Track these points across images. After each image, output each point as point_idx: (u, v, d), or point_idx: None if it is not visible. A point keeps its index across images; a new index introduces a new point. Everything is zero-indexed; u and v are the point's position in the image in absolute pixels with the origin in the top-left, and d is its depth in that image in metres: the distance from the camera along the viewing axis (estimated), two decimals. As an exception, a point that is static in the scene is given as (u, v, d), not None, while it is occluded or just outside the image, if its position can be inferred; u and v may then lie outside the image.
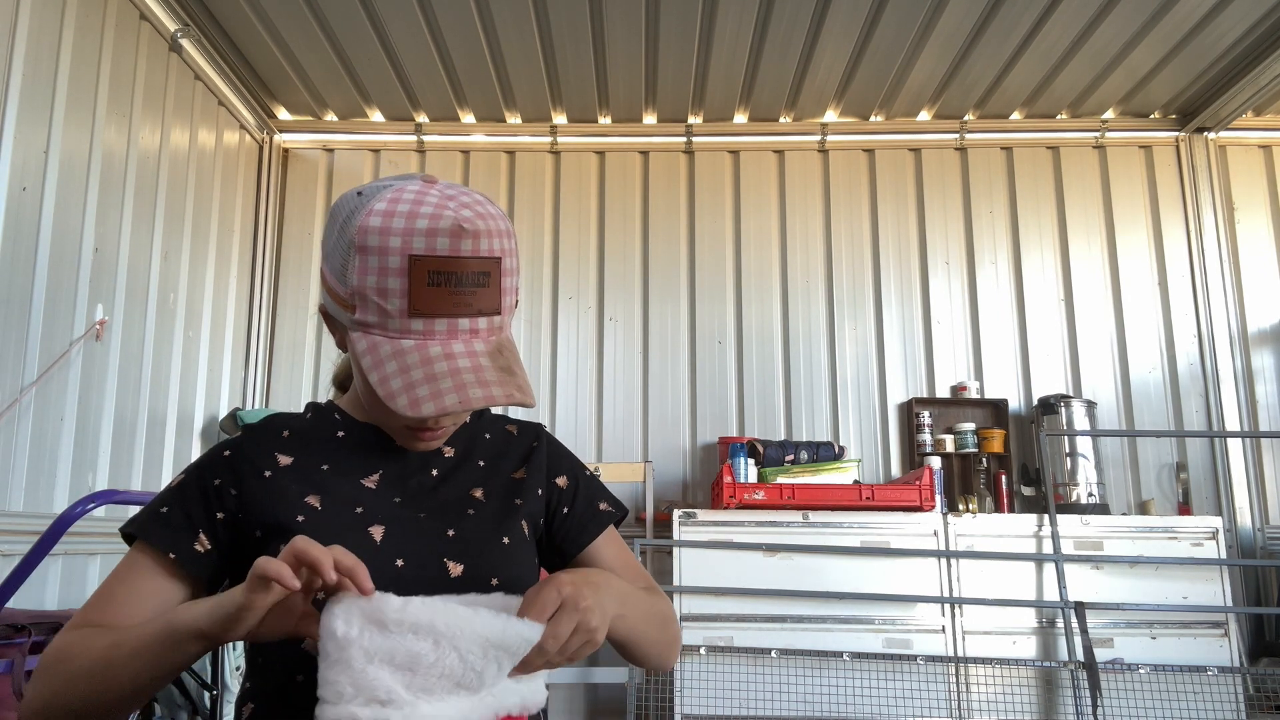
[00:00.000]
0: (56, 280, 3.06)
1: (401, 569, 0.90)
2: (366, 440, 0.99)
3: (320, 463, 0.96)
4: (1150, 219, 4.67)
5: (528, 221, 4.76)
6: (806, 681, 3.56)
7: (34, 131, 2.97)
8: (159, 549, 0.90)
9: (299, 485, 0.93)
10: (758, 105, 4.63)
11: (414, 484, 0.98)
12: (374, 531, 0.91)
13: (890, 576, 3.68)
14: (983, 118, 4.73)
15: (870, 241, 4.70)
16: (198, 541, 0.91)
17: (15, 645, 2.16)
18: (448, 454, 1.02)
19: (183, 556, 0.90)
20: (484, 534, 0.96)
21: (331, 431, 1.00)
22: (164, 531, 0.91)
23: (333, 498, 0.93)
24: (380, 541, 0.91)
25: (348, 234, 0.88)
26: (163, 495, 0.95)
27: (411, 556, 0.91)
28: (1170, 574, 3.67)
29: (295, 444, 0.98)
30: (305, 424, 1.01)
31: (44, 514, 2.91)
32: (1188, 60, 4.18)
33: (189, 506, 0.92)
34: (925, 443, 4.34)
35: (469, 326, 0.87)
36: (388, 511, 0.94)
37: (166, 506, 0.93)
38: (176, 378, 3.86)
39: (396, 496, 0.96)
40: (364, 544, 0.89)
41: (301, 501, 0.92)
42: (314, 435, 0.99)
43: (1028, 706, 3.59)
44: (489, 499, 0.99)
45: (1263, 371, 4.46)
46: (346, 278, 0.88)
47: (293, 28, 3.93)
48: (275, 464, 0.95)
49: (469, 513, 0.97)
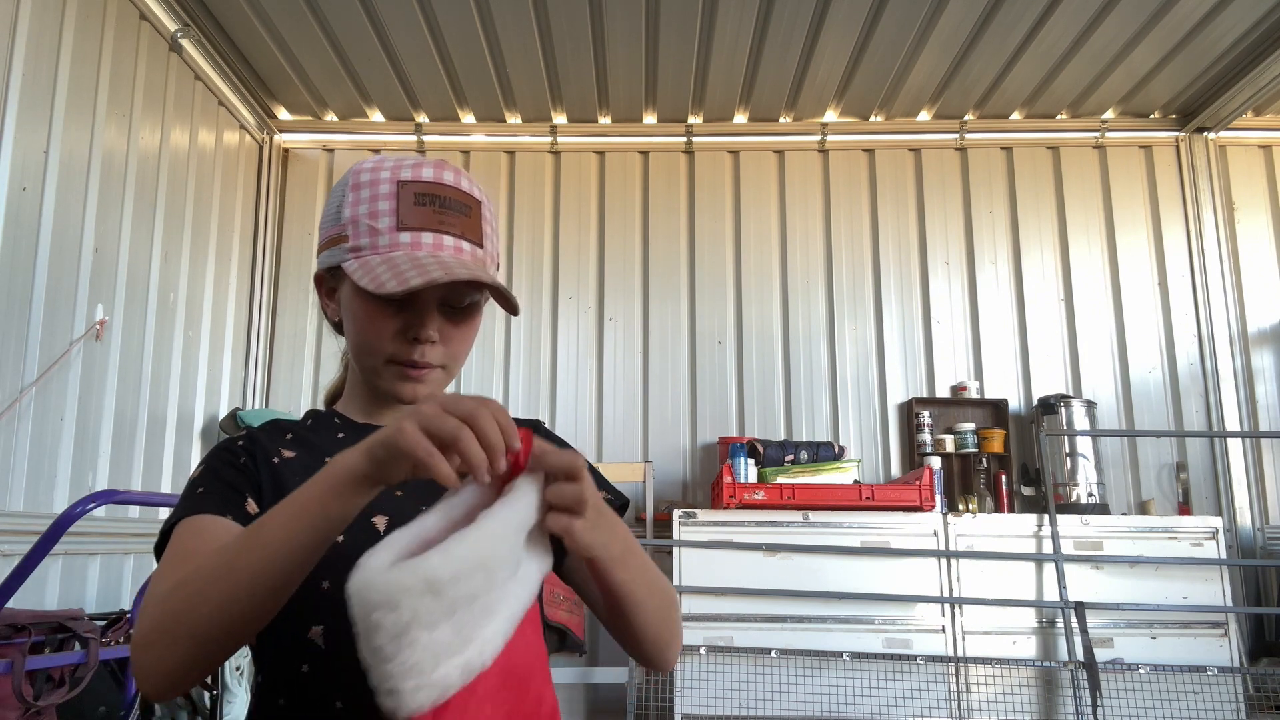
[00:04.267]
0: (56, 280, 3.06)
1: None
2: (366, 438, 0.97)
3: (323, 458, 0.92)
4: (1150, 219, 4.67)
5: (528, 221, 4.76)
6: (806, 681, 3.56)
7: (34, 131, 2.97)
8: (213, 513, 0.86)
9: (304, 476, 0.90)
10: (758, 105, 4.63)
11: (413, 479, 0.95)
12: (378, 521, 0.91)
13: (890, 576, 3.68)
14: (983, 118, 4.73)
15: (870, 241, 4.71)
16: (248, 504, 0.89)
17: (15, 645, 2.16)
18: None
19: (238, 518, 0.86)
20: None
21: (333, 434, 1.01)
22: (212, 501, 0.87)
23: None
24: (384, 530, 0.91)
25: (345, 183, 0.96)
26: (193, 484, 0.91)
27: None
28: (1170, 574, 3.67)
29: (297, 444, 0.98)
30: (306, 428, 1.01)
31: (44, 514, 2.91)
32: (1188, 60, 4.18)
33: (228, 480, 0.90)
34: (925, 443, 4.34)
35: (453, 244, 0.94)
36: (389, 504, 0.93)
37: (203, 487, 0.90)
38: (176, 378, 3.86)
39: (398, 490, 0.94)
40: (368, 534, 0.88)
41: None
42: (316, 438, 0.99)
43: (1028, 706, 3.59)
44: None
45: (1263, 371, 4.47)
46: (341, 214, 0.95)
47: (293, 28, 3.93)
48: (281, 455, 0.95)
49: None
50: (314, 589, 0.84)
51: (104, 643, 2.42)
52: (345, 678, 0.82)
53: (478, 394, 0.79)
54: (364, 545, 0.79)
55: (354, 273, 0.92)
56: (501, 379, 4.60)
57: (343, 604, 0.76)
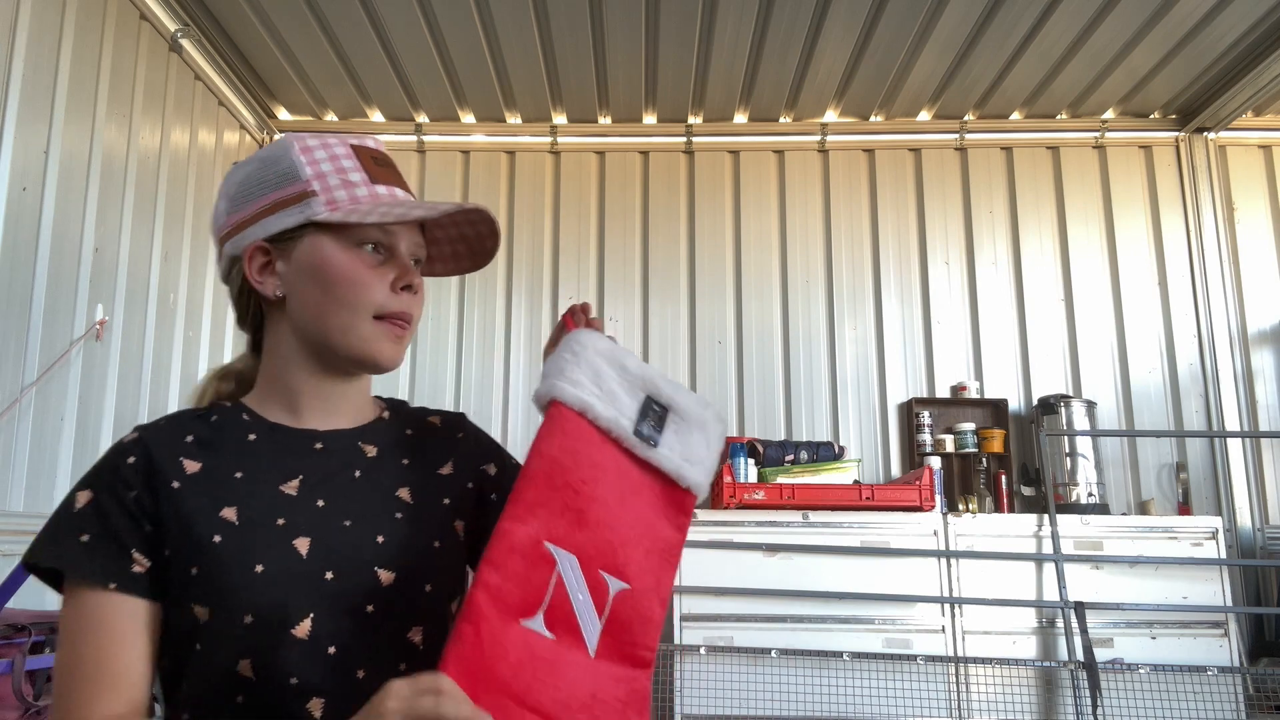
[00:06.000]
0: (56, 280, 3.06)
1: (331, 581, 0.84)
2: (281, 442, 0.91)
3: (232, 470, 0.88)
4: (1150, 219, 4.67)
5: (528, 221, 4.76)
6: (806, 681, 3.56)
7: (34, 131, 2.97)
8: (97, 583, 0.81)
9: (211, 498, 0.85)
10: (758, 105, 4.63)
11: (336, 487, 0.90)
12: (299, 545, 0.84)
13: (890, 576, 3.68)
14: (983, 118, 4.73)
15: (870, 241, 4.70)
16: (135, 563, 0.82)
17: (15, 645, 2.16)
18: (369, 452, 0.95)
19: (125, 584, 0.81)
20: (414, 539, 0.90)
21: (241, 434, 0.91)
22: (95, 562, 0.82)
23: (252, 510, 0.85)
24: (307, 554, 0.84)
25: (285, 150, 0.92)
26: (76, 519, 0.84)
27: (341, 568, 0.84)
28: (1170, 574, 3.67)
29: (200, 448, 0.89)
30: (211, 427, 0.91)
31: (44, 514, 2.89)
32: (1188, 60, 4.18)
33: (114, 526, 0.83)
34: (925, 443, 4.34)
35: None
36: (312, 520, 0.87)
37: (88, 534, 0.83)
38: (176, 378, 3.86)
39: (320, 500, 0.89)
40: (290, 559, 0.83)
41: (217, 517, 0.84)
42: (220, 438, 0.90)
43: (1028, 706, 3.59)
44: (415, 499, 0.93)
45: (1263, 371, 4.46)
46: (297, 174, 0.90)
47: (293, 28, 3.93)
48: (183, 472, 0.86)
49: (397, 516, 0.91)
50: (238, 626, 0.80)
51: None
52: (279, 699, 0.80)
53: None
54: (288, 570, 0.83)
55: (348, 216, 0.88)
56: (501, 379, 4.60)
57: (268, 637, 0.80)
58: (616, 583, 0.82)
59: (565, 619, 0.79)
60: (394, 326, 0.91)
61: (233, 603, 0.80)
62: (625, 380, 0.89)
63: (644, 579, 0.84)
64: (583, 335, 0.91)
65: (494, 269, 4.66)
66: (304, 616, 0.81)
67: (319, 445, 0.92)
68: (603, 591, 0.81)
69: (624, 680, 0.80)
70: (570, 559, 0.80)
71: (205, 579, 0.81)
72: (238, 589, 0.81)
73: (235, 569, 0.81)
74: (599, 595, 0.81)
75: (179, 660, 0.83)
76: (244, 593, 0.80)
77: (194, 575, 0.82)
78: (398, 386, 4.54)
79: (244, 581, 0.81)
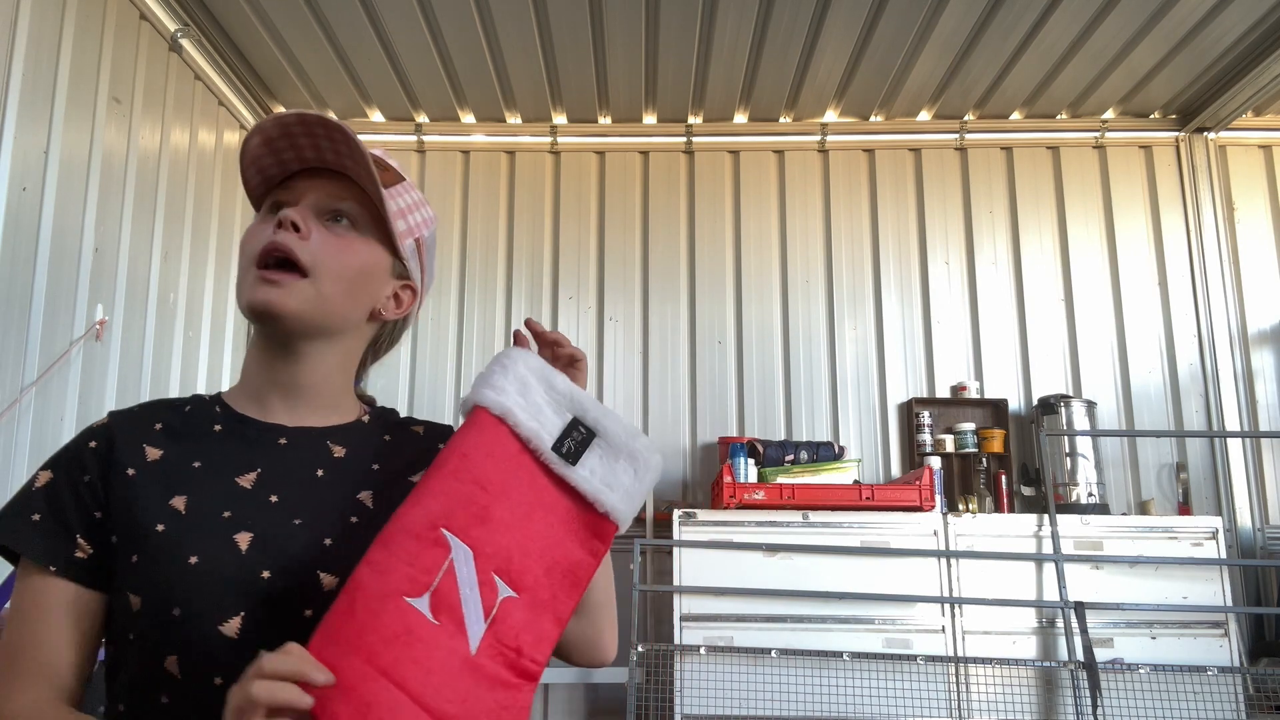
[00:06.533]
0: (56, 280, 3.06)
1: (268, 580, 0.81)
2: (245, 434, 0.90)
3: (192, 459, 0.87)
4: (1150, 219, 4.67)
5: (528, 221, 4.76)
6: (806, 681, 3.56)
7: (34, 131, 2.97)
8: (40, 565, 0.83)
9: (165, 486, 0.85)
10: (758, 105, 4.63)
11: (294, 484, 0.88)
12: (239, 539, 0.82)
13: (890, 576, 3.68)
14: (983, 118, 4.73)
15: (870, 241, 4.70)
16: (78, 548, 0.83)
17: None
18: (337, 453, 0.92)
19: (63, 568, 0.82)
20: (365, 545, 0.82)
21: (209, 424, 0.91)
22: (41, 543, 0.83)
23: (200, 500, 0.84)
24: (246, 550, 0.81)
25: None
26: (32, 498, 0.86)
27: (280, 567, 0.82)
28: (1170, 574, 3.67)
29: (167, 437, 0.89)
30: (182, 416, 0.92)
31: (44, 514, 2.91)
32: (1188, 60, 4.18)
33: (63, 509, 0.84)
34: (925, 443, 4.34)
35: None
36: (258, 516, 0.84)
37: (39, 513, 0.84)
38: (176, 378, 3.86)
39: (273, 496, 0.86)
40: (227, 552, 0.81)
41: (165, 505, 0.83)
42: (189, 428, 0.90)
43: (1028, 706, 3.59)
44: (377, 505, 0.89)
45: (1263, 371, 4.46)
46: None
47: (293, 28, 3.93)
48: (143, 459, 0.86)
49: (352, 520, 0.87)
50: (166, 618, 0.79)
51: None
52: (204, 702, 0.77)
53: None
54: (222, 564, 0.80)
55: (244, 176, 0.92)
56: (501, 379, 4.59)
57: (195, 632, 0.78)
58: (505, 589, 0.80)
59: (451, 608, 0.77)
60: (263, 271, 0.87)
61: (162, 594, 0.79)
62: (552, 398, 0.89)
63: (539, 592, 0.82)
64: (513, 352, 0.92)
65: (494, 269, 4.66)
66: (233, 614, 0.78)
67: (283, 440, 0.91)
68: (492, 593, 0.80)
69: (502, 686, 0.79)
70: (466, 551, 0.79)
71: (141, 567, 0.80)
72: (168, 580, 0.79)
73: (169, 559, 0.80)
74: (488, 596, 0.79)
75: (117, 651, 0.83)
76: (174, 584, 0.79)
77: (132, 563, 0.81)
78: (397, 385, 4.54)
79: (175, 572, 0.79)
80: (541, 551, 0.83)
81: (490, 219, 4.75)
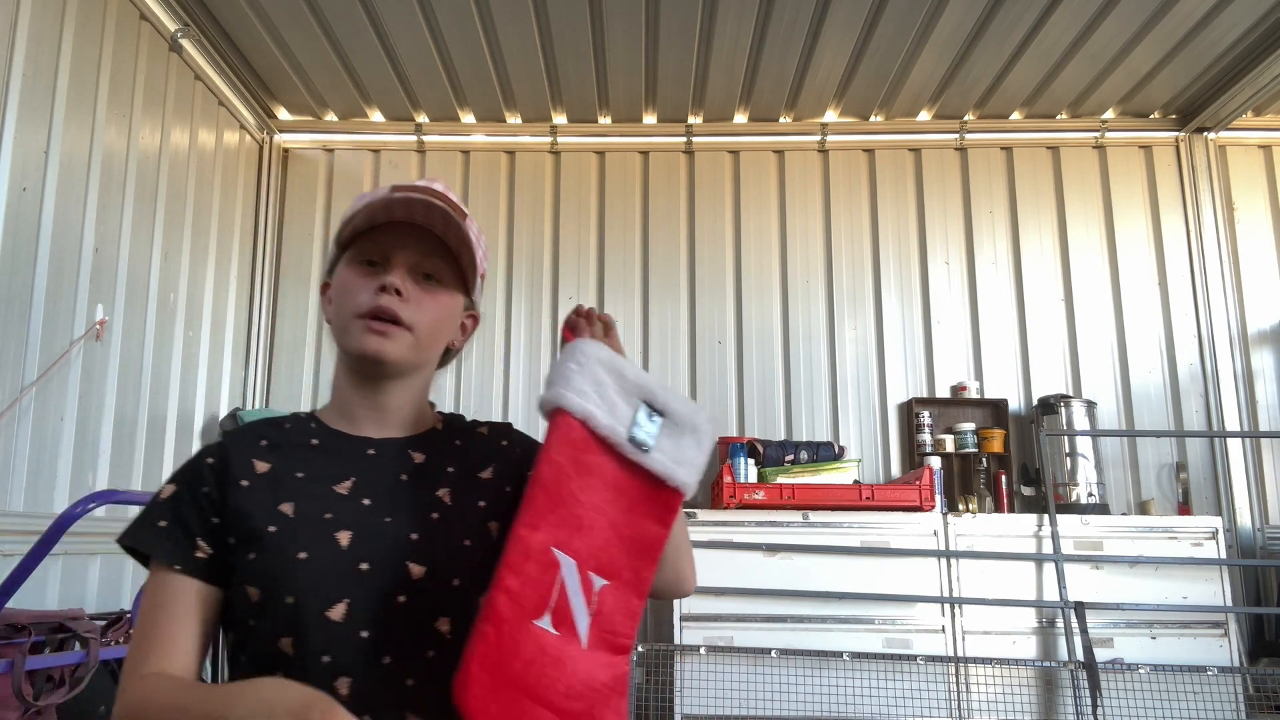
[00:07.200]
0: (56, 280, 3.06)
1: (365, 572, 0.94)
2: (340, 447, 1.05)
3: (295, 470, 1.02)
4: (1150, 219, 4.67)
5: (528, 221, 4.76)
6: (806, 681, 3.56)
7: (34, 131, 2.98)
8: (166, 564, 0.96)
9: (274, 494, 0.99)
10: (758, 105, 4.63)
11: (383, 488, 1.02)
12: (340, 537, 0.96)
13: (890, 576, 3.68)
14: (983, 118, 4.73)
15: (870, 241, 4.71)
16: (198, 549, 0.96)
17: (15, 645, 2.16)
18: (417, 459, 1.07)
19: (187, 566, 0.96)
20: (446, 537, 0.99)
21: (306, 439, 1.06)
22: (167, 545, 0.97)
23: (305, 505, 0.98)
24: (346, 546, 0.95)
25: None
26: (158, 508, 1.00)
27: (375, 560, 0.95)
28: (1170, 574, 3.67)
29: (273, 452, 1.03)
30: (283, 433, 1.06)
31: (44, 514, 2.91)
32: (1188, 60, 4.18)
33: (185, 516, 0.98)
34: (925, 443, 4.34)
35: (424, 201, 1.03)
36: (355, 517, 0.98)
37: (165, 520, 0.98)
38: (176, 378, 3.86)
39: (366, 499, 1.00)
40: (330, 549, 0.95)
41: (276, 510, 0.97)
42: (290, 443, 1.05)
43: (1028, 706, 3.59)
44: (454, 501, 1.03)
45: (1263, 371, 4.46)
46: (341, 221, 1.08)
47: (293, 28, 3.94)
48: (253, 472, 1.00)
49: (433, 516, 1.01)
50: (281, 606, 0.92)
51: (104, 643, 2.42)
52: (313, 676, 0.88)
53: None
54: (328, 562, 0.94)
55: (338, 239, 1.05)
56: (501, 379, 4.60)
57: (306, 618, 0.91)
58: (599, 580, 0.91)
59: (565, 617, 0.88)
60: (372, 322, 1.01)
61: (278, 585, 0.92)
62: (623, 388, 0.97)
63: (624, 575, 0.92)
64: (586, 345, 0.99)
65: (494, 269, 4.66)
66: (339, 601, 0.92)
67: (371, 451, 1.06)
68: (590, 589, 0.90)
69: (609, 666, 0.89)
70: (571, 563, 0.89)
71: (259, 564, 0.94)
72: (283, 574, 0.93)
73: (282, 556, 0.94)
74: (588, 592, 0.90)
75: (239, 636, 0.96)
76: (288, 576, 0.92)
77: (250, 560, 0.94)
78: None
79: (288, 567, 0.93)
80: (622, 536, 0.93)
81: (490, 219, 4.75)
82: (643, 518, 0.95)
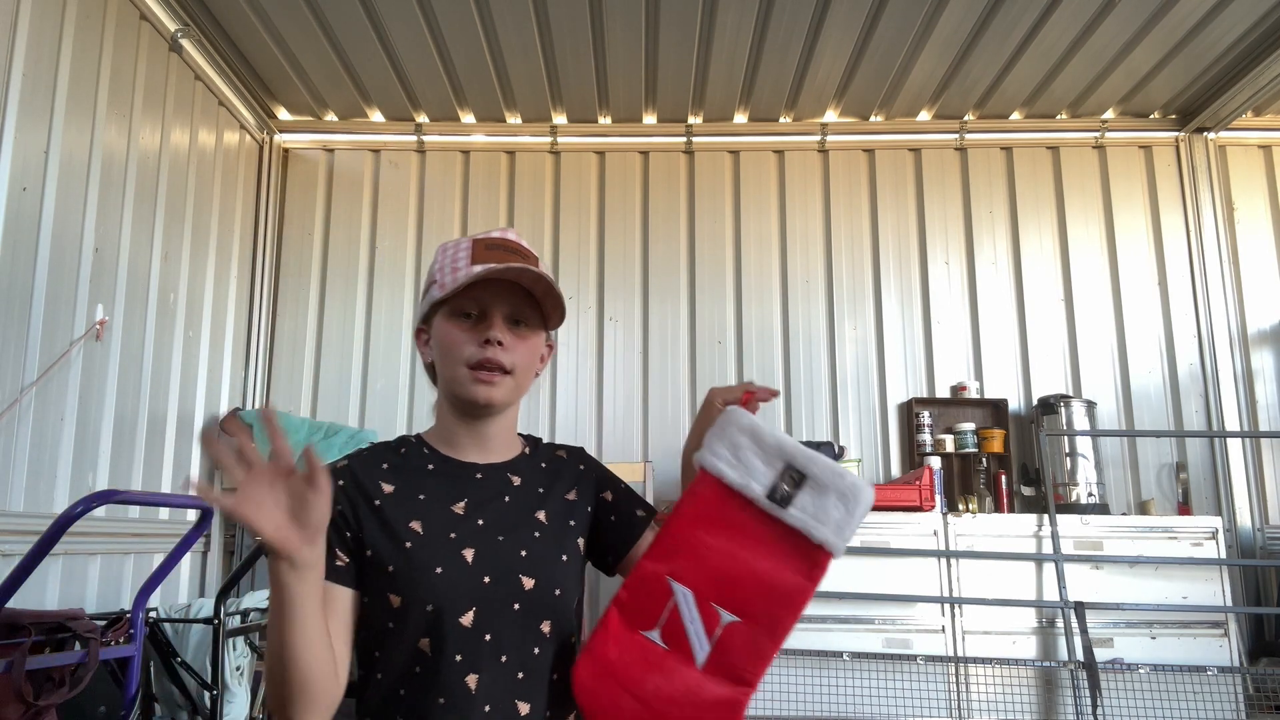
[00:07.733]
0: (56, 280, 3.06)
1: (488, 585, 1.10)
2: (450, 471, 1.20)
3: (417, 492, 1.16)
4: (1150, 219, 4.67)
5: (528, 221, 4.76)
6: (806, 681, 3.56)
7: (34, 131, 2.98)
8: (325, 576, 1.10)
9: (403, 513, 1.13)
10: (758, 105, 4.63)
11: (492, 509, 1.17)
12: (466, 554, 1.11)
13: (890, 576, 3.68)
14: (983, 118, 4.73)
15: (870, 241, 4.71)
16: (338, 559, 1.10)
17: (15, 645, 2.16)
18: (515, 482, 1.22)
19: (329, 574, 1.08)
20: (548, 553, 1.15)
21: (423, 464, 1.20)
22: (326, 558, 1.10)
23: (431, 524, 1.13)
24: (472, 562, 1.11)
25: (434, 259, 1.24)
26: None
27: (495, 574, 1.11)
28: (1170, 574, 3.67)
29: (394, 475, 1.17)
30: (401, 458, 1.20)
31: (44, 514, 2.91)
32: (1187, 60, 4.18)
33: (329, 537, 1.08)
34: (925, 443, 4.34)
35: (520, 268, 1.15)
36: (475, 536, 1.13)
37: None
38: (176, 378, 3.86)
39: (480, 519, 1.15)
40: (460, 565, 1.10)
41: (408, 527, 1.11)
42: (409, 467, 1.19)
43: (1028, 706, 3.59)
44: (550, 521, 1.19)
45: (1263, 371, 4.47)
46: (430, 273, 1.21)
47: (293, 28, 3.94)
48: (381, 492, 1.14)
49: (535, 535, 1.16)
50: (421, 612, 1.07)
51: (104, 643, 2.42)
52: (444, 672, 1.06)
53: None
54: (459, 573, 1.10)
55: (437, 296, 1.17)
56: (501, 379, 4.60)
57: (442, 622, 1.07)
58: (727, 615, 1.05)
59: (678, 636, 1.05)
60: (479, 372, 1.16)
61: (419, 595, 1.07)
62: (762, 451, 1.11)
63: (757, 616, 1.05)
64: (730, 415, 1.14)
65: (494, 269, 4.66)
66: (469, 609, 1.08)
67: (479, 475, 1.20)
68: (714, 620, 1.05)
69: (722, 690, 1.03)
70: (686, 593, 1.05)
71: (399, 575, 1.08)
72: (423, 584, 1.07)
73: (421, 569, 1.08)
74: (710, 623, 1.05)
75: (376, 634, 1.10)
76: (428, 588, 1.07)
77: (390, 571, 1.09)
78: (398, 384, 4.54)
79: (428, 580, 1.08)
80: (758, 582, 1.06)
81: (490, 219, 4.75)
82: (784, 567, 1.07)
